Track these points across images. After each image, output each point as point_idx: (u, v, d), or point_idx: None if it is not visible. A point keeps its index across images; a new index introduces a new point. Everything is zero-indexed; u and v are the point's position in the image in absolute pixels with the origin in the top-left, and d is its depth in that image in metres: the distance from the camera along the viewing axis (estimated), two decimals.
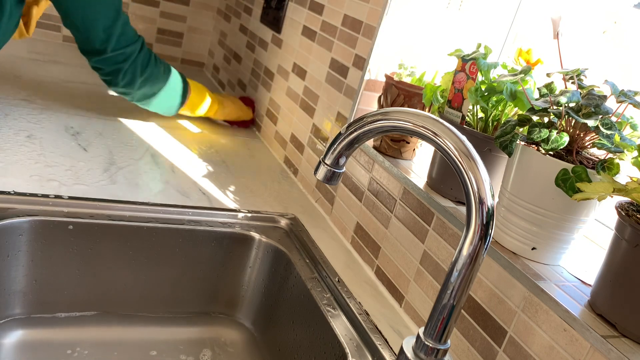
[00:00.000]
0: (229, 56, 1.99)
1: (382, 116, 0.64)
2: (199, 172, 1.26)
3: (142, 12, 2.10)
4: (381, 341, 0.84)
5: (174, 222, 1.02)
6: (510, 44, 1.13)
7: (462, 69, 0.89)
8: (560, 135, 0.70)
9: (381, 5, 1.11)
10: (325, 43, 1.32)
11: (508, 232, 0.77)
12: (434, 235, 0.90)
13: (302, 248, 1.06)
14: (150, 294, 1.04)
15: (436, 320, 0.64)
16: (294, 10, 1.50)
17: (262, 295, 1.08)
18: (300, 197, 1.29)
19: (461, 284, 0.62)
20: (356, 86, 1.16)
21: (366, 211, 1.08)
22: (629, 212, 0.63)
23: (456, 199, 0.91)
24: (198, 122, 1.60)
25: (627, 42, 0.96)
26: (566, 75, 0.75)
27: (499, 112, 0.88)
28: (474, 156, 0.59)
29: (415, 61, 1.12)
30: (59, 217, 0.93)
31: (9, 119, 1.23)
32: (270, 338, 1.05)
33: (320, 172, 0.69)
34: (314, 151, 1.31)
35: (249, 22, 1.84)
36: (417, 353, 0.66)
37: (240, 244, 1.06)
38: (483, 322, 0.79)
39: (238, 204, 1.15)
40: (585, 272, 0.77)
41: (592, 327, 0.63)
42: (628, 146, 0.67)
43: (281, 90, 1.52)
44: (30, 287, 0.94)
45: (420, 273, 0.92)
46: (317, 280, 0.97)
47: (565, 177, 0.68)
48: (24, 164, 1.06)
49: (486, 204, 0.59)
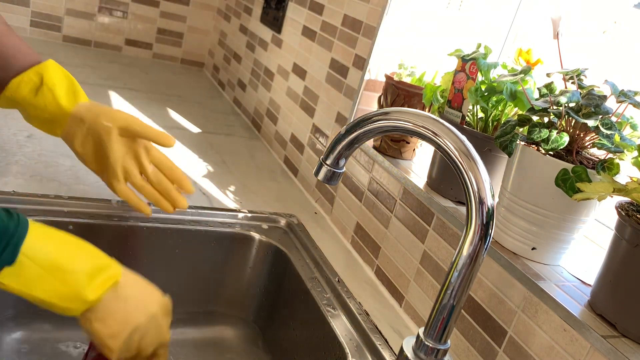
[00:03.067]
0: (229, 56, 1.99)
1: (382, 116, 0.64)
2: (199, 172, 1.26)
3: (142, 12, 2.10)
4: (381, 341, 0.84)
5: (174, 222, 1.02)
6: (510, 44, 1.13)
7: (462, 69, 0.89)
8: (560, 135, 0.70)
9: (381, 5, 1.11)
10: (325, 43, 1.32)
11: (508, 232, 0.77)
12: (434, 235, 0.90)
13: (302, 248, 1.06)
14: None
15: (436, 320, 0.64)
16: (294, 10, 1.50)
17: (262, 295, 1.08)
18: (300, 197, 1.29)
19: (461, 284, 0.62)
20: (356, 86, 1.16)
21: (366, 211, 1.08)
22: (629, 212, 0.63)
23: (456, 199, 0.91)
24: (198, 121, 1.60)
25: (627, 42, 0.96)
26: (566, 75, 0.75)
27: (499, 112, 0.88)
28: (474, 156, 0.59)
29: (415, 61, 1.12)
30: (59, 217, 0.93)
31: (9, 119, 1.23)
32: (270, 338, 1.05)
33: (320, 172, 0.69)
34: (314, 151, 1.31)
35: (249, 22, 1.84)
36: (417, 353, 0.66)
37: (240, 244, 1.06)
38: (483, 322, 0.79)
39: (238, 204, 1.15)
40: (585, 272, 0.77)
41: (592, 327, 0.63)
42: (628, 146, 0.67)
43: (281, 90, 1.52)
44: None
45: (420, 273, 0.92)
46: (317, 280, 0.97)
47: (565, 177, 0.68)
48: (24, 164, 1.06)
49: (486, 204, 0.59)
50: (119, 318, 0.65)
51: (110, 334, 0.64)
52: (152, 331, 0.69)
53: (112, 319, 0.64)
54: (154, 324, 0.69)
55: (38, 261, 0.60)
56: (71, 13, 2.01)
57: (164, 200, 0.90)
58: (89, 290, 0.62)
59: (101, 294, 0.64)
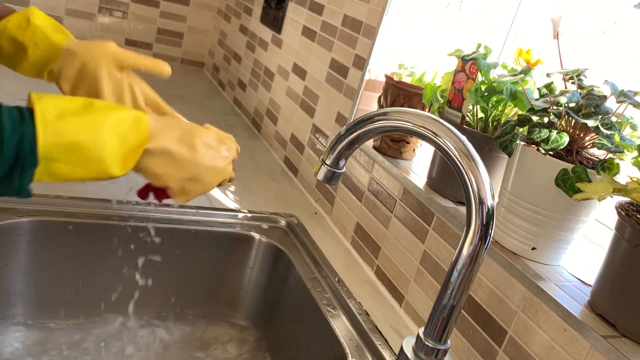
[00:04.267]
0: (229, 56, 1.99)
1: (382, 116, 0.64)
2: None
3: (142, 12, 2.10)
4: (381, 341, 0.84)
5: (174, 222, 1.02)
6: (510, 44, 1.13)
7: (462, 69, 0.89)
8: (560, 135, 0.70)
9: (381, 5, 1.11)
10: (325, 43, 1.32)
11: (508, 232, 0.77)
12: (434, 235, 0.90)
13: (302, 248, 1.06)
14: (150, 294, 1.04)
15: (436, 320, 0.64)
16: (294, 10, 1.50)
17: (262, 295, 1.08)
18: (300, 197, 1.29)
19: (461, 284, 0.62)
20: (356, 86, 1.16)
21: (366, 211, 1.08)
22: (629, 212, 0.63)
23: (456, 199, 0.91)
24: (198, 121, 1.59)
25: (627, 42, 0.96)
26: (566, 75, 0.75)
27: (499, 112, 0.88)
28: (474, 156, 0.59)
29: (415, 61, 1.12)
30: (59, 217, 0.93)
31: None
32: (271, 338, 1.05)
33: (320, 172, 0.69)
34: (314, 151, 1.31)
35: (249, 22, 1.84)
36: (417, 353, 0.66)
37: (240, 244, 1.06)
38: (483, 322, 0.79)
39: (238, 204, 1.15)
40: (585, 272, 0.77)
41: (592, 327, 0.63)
42: (628, 146, 0.67)
43: (281, 90, 1.52)
44: (30, 288, 0.94)
45: (420, 273, 0.92)
46: (317, 280, 0.97)
47: (565, 177, 0.68)
48: None
49: (486, 204, 0.59)
50: (165, 170, 0.67)
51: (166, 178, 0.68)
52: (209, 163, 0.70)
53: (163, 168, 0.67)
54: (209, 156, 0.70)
55: (61, 158, 0.58)
56: (71, 13, 2.01)
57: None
58: (117, 168, 0.63)
59: (131, 167, 0.65)
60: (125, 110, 0.64)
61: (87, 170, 0.61)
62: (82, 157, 0.59)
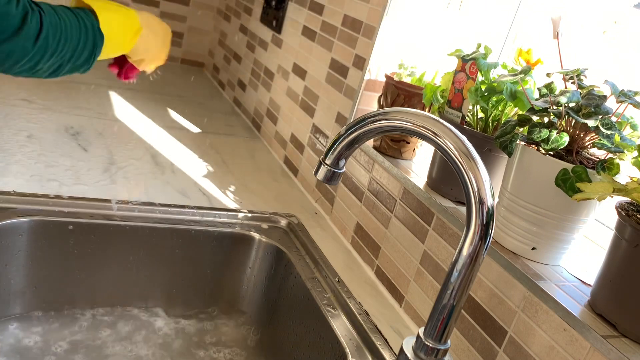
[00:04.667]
0: (229, 56, 1.99)
1: (382, 116, 0.64)
2: (199, 172, 1.26)
3: None
4: (381, 341, 0.84)
5: (174, 222, 1.02)
6: (510, 44, 1.13)
7: (462, 69, 0.89)
8: (560, 135, 0.70)
9: (381, 5, 1.11)
10: (325, 43, 1.32)
11: (508, 232, 0.77)
12: (434, 235, 0.90)
13: (302, 248, 1.06)
14: (150, 294, 1.04)
15: (436, 320, 0.64)
16: (294, 10, 1.50)
17: (262, 295, 1.08)
18: (300, 197, 1.29)
19: (461, 284, 0.62)
20: (356, 86, 1.16)
21: (366, 211, 1.08)
22: (629, 212, 0.63)
23: (456, 199, 0.91)
24: (198, 121, 1.60)
25: (627, 42, 0.96)
26: (566, 75, 0.75)
27: (499, 112, 0.88)
28: (474, 156, 0.59)
29: (415, 61, 1.12)
30: (59, 217, 0.93)
31: (9, 119, 1.23)
32: (271, 338, 1.05)
33: (320, 172, 0.69)
34: (314, 151, 1.31)
35: (249, 22, 1.84)
36: (417, 353, 0.66)
37: (240, 244, 1.06)
38: (483, 322, 0.79)
39: (238, 204, 1.15)
40: (585, 272, 0.77)
41: (592, 327, 0.63)
42: (628, 146, 0.67)
43: (281, 90, 1.52)
44: (30, 287, 0.94)
45: (420, 273, 0.92)
46: (317, 280, 0.97)
47: (565, 177, 0.68)
48: (24, 164, 1.06)
49: (486, 204, 0.59)
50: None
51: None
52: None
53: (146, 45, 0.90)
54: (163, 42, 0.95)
55: (113, 28, 0.82)
56: None
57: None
58: (132, 43, 0.88)
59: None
60: (122, 6, 0.88)
61: (125, 37, 0.86)
62: (122, 31, 0.85)
